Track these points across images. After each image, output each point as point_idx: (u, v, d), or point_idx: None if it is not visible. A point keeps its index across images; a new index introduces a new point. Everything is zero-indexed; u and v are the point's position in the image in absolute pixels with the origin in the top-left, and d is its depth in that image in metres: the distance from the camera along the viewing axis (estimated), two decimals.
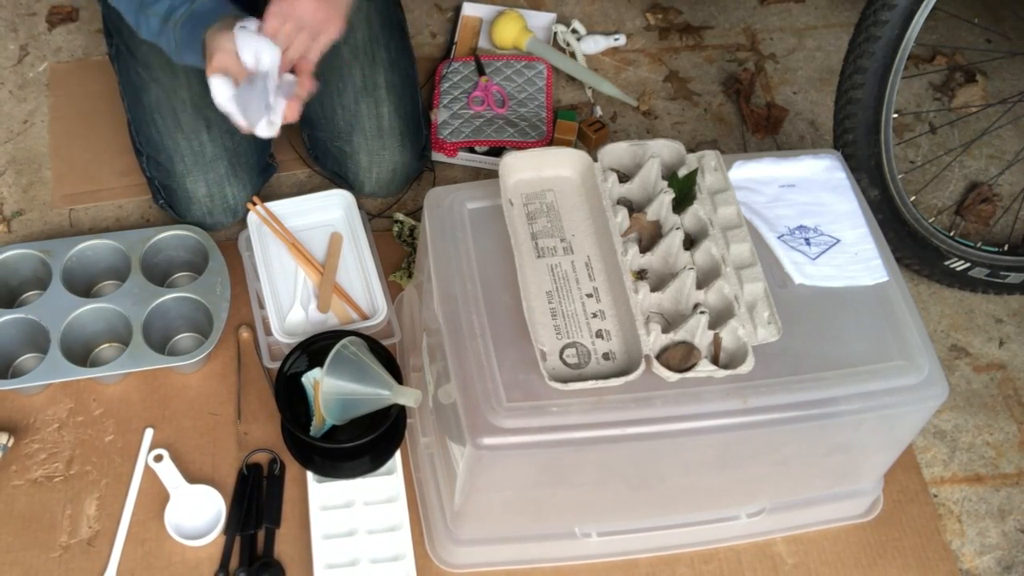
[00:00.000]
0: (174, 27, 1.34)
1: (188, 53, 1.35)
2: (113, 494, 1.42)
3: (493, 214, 1.25)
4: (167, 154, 1.58)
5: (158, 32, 1.37)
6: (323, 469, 1.42)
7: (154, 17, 1.35)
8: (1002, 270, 1.68)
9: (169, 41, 1.36)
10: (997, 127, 1.92)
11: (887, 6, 1.45)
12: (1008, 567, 1.46)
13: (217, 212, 1.62)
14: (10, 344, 1.50)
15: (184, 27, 1.33)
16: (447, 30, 2.02)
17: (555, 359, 1.15)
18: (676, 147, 1.30)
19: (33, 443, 1.46)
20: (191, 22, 1.33)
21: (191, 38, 1.33)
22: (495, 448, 1.10)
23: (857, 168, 1.57)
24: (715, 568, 1.41)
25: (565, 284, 1.21)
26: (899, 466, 1.48)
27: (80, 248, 1.55)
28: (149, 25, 1.37)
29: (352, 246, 1.63)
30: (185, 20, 1.33)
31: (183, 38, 1.34)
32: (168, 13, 1.34)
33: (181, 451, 1.46)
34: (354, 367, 1.33)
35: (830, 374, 1.17)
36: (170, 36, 1.35)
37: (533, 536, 1.36)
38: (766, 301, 1.20)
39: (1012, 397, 1.63)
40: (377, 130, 1.63)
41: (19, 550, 1.37)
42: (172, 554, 1.38)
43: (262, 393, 1.52)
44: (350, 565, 1.35)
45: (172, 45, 1.36)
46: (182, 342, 1.57)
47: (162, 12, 1.34)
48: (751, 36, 2.07)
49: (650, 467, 1.24)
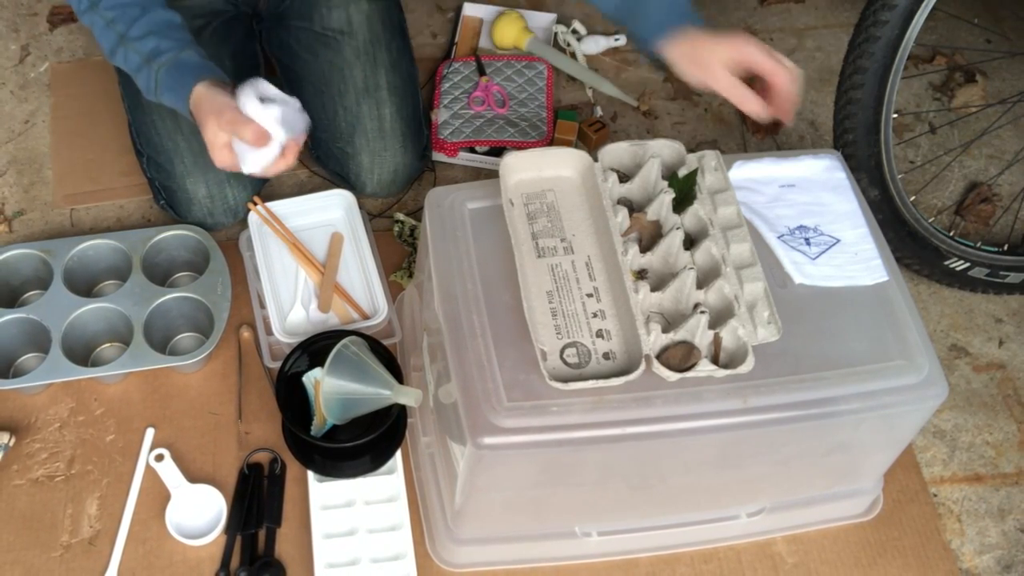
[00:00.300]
0: (156, 70, 1.35)
1: (167, 97, 1.37)
2: (114, 493, 1.42)
3: (494, 214, 1.25)
4: (167, 155, 1.58)
5: (136, 68, 1.37)
6: (324, 468, 1.42)
7: (134, 54, 1.36)
8: (1002, 270, 1.68)
9: (148, 81, 1.37)
10: (997, 127, 1.92)
11: (887, 6, 1.45)
12: (1008, 566, 1.46)
13: (218, 212, 1.62)
14: (11, 344, 1.50)
15: (167, 72, 1.35)
16: (448, 30, 2.02)
17: (555, 359, 1.15)
18: (676, 147, 1.30)
19: (34, 442, 1.46)
20: (175, 70, 1.34)
21: (176, 84, 1.34)
22: (496, 447, 1.10)
23: (857, 168, 1.57)
24: (715, 567, 1.41)
25: (565, 284, 1.21)
26: (899, 466, 1.48)
27: (81, 248, 1.55)
28: (128, 59, 1.37)
29: (353, 246, 1.63)
30: (168, 67, 1.34)
31: (164, 81, 1.35)
32: (152, 55, 1.35)
33: (182, 451, 1.46)
34: (355, 367, 1.33)
35: (830, 374, 1.17)
36: (150, 76, 1.36)
37: (533, 535, 1.36)
38: (766, 301, 1.20)
39: (1012, 397, 1.63)
40: (379, 131, 1.63)
41: (20, 549, 1.37)
42: (173, 553, 1.38)
43: (263, 393, 1.52)
44: (351, 564, 1.35)
45: (152, 85, 1.37)
46: (183, 342, 1.57)
47: (146, 52, 1.35)
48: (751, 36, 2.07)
49: (650, 466, 1.24)
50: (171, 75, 1.35)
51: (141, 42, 1.35)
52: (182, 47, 1.36)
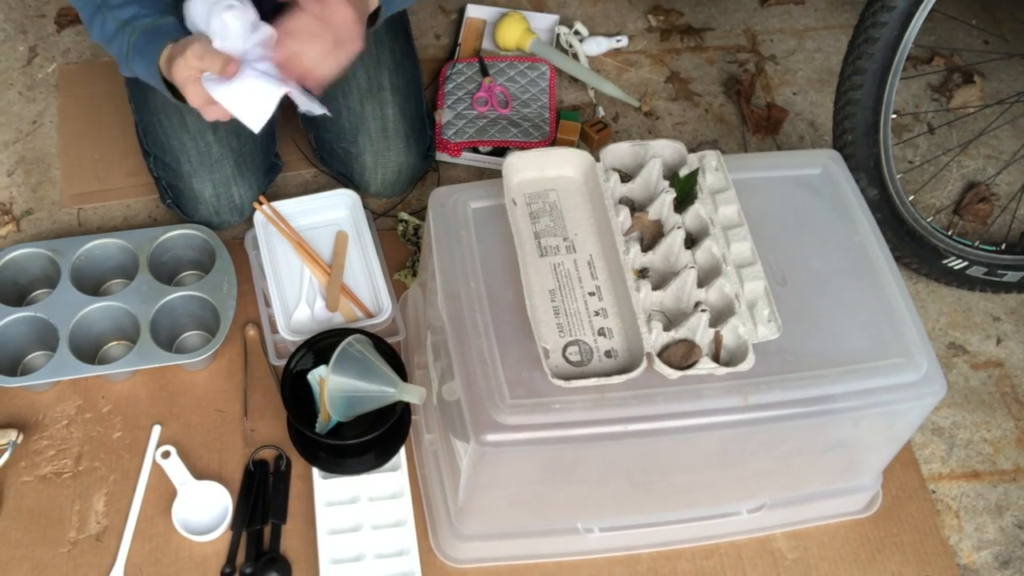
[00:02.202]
0: (131, 34, 1.31)
1: (138, 61, 1.32)
2: (121, 490, 1.43)
3: (496, 213, 1.25)
4: (173, 155, 1.58)
5: (111, 35, 1.33)
6: (328, 465, 1.42)
7: (112, 21, 1.32)
8: (999, 268, 1.68)
9: (121, 47, 1.33)
10: (994, 127, 1.93)
11: (886, 8, 1.45)
12: (1005, 562, 1.47)
13: (224, 211, 1.62)
14: (19, 342, 1.51)
15: (142, 35, 1.31)
16: (451, 32, 2.03)
17: (558, 357, 1.15)
18: (677, 147, 1.30)
19: (42, 440, 1.47)
20: (149, 33, 1.31)
21: (146, 47, 1.30)
22: (498, 444, 1.10)
23: (856, 168, 1.57)
24: (716, 563, 1.42)
25: (568, 282, 1.21)
26: (898, 462, 1.49)
27: (88, 247, 1.56)
28: (104, 27, 1.34)
29: (357, 245, 1.63)
30: (144, 30, 1.31)
31: (137, 44, 1.31)
32: (130, 19, 1.31)
33: (188, 447, 1.47)
34: (359, 364, 1.33)
35: (830, 371, 1.17)
36: (124, 41, 1.32)
37: (536, 531, 1.36)
38: (766, 299, 1.20)
39: (1009, 394, 1.64)
40: (382, 131, 1.63)
41: (28, 545, 1.38)
42: (179, 549, 1.38)
43: (268, 390, 1.53)
44: (355, 560, 1.36)
45: (124, 51, 1.33)
46: (189, 340, 1.57)
47: (124, 17, 1.32)
48: (751, 38, 2.08)
49: (652, 463, 1.24)
50: (144, 38, 1.30)
51: (120, 9, 1.32)
52: (161, 14, 1.32)
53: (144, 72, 1.33)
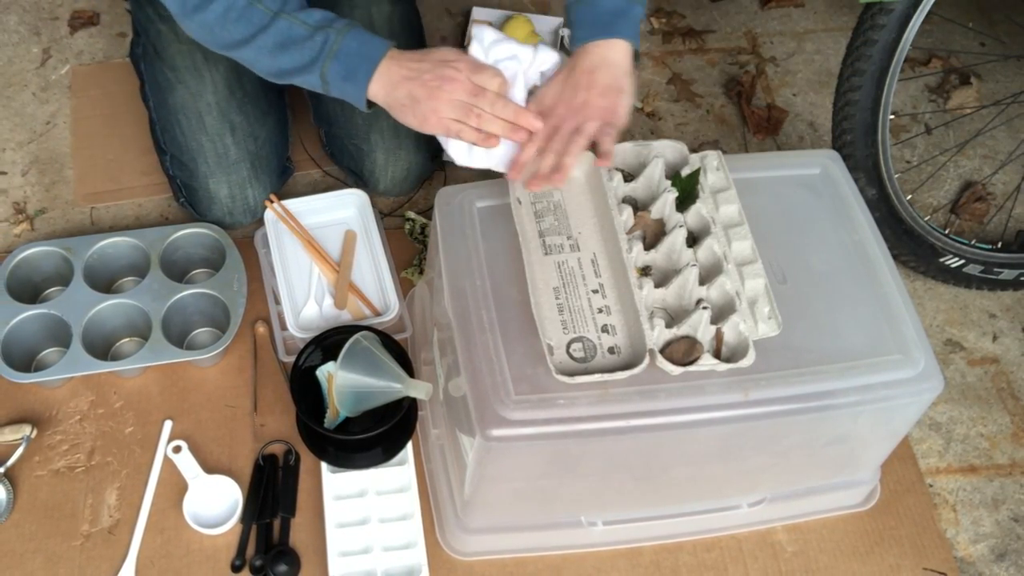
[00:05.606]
0: (338, 33, 1.26)
1: (340, 63, 1.27)
2: (133, 484, 1.44)
3: (502, 212, 1.26)
4: (191, 155, 1.58)
5: (301, 38, 1.26)
6: (337, 460, 1.42)
7: (300, 26, 1.26)
8: (995, 266, 1.68)
9: (317, 48, 1.26)
10: (991, 128, 1.93)
11: (884, 10, 1.45)
12: (1001, 555, 1.48)
13: (237, 212, 1.62)
14: (33, 338, 1.51)
15: (354, 35, 1.27)
16: (457, 34, 2.03)
17: (562, 353, 1.16)
18: (679, 147, 1.31)
19: (55, 434, 1.47)
20: (360, 31, 1.27)
21: (363, 46, 1.27)
22: (504, 439, 1.11)
23: (855, 168, 1.57)
24: (717, 556, 1.42)
25: (571, 280, 1.22)
26: (896, 457, 1.49)
27: (101, 245, 1.56)
28: (284, 31, 1.26)
29: (365, 243, 1.63)
30: (352, 29, 1.27)
31: (347, 45, 1.26)
32: (323, 23, 1.26)
33: (199, 442, 1.47)
34: (367, 361, 1.33)
35: (829, 367, 1.18)
36: (326, 40, 1.26)
37: (540, 524, 1.37)
38: (767, 297, 1.21)
39: (1005, 390, 1.65)
40: (394, 129, 1.62)
41: (42, 538, 1.39)
42: (190, 542, 1.39)
43: (277, 386, 1.53)
44: (363, 552, 1.36)
45: (321, 53, 1.26)
46: (200, 336, 1.58)
47: (313, 21, 1.27)
48: (752, 40, 2.09)
49: (654, 458, 1.25)
50: (356, 37, 1.26)
51: (306, 13, 1.27)
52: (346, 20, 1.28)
53: (345, 75, 1.28)
